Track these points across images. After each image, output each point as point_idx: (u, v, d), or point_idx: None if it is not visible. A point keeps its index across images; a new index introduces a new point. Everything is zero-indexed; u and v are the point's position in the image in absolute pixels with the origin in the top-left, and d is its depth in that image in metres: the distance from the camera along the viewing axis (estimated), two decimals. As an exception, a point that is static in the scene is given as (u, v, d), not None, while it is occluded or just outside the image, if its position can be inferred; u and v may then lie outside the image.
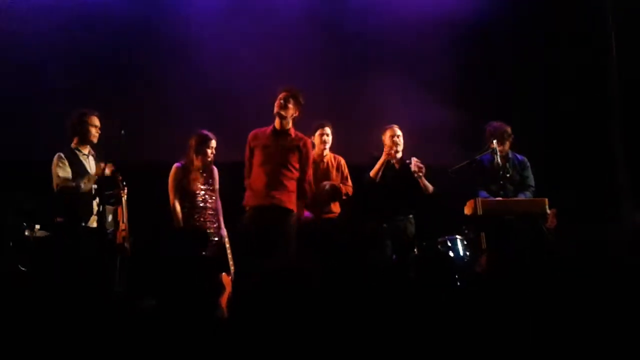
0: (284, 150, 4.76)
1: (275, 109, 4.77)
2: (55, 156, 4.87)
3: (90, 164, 4.98)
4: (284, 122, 4.78)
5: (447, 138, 6.17)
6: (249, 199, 4.78)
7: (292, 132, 4.84)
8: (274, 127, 4.82)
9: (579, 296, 2.76)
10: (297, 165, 4.77)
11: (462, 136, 6.06)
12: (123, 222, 4.85)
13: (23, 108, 6.20)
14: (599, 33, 7.08)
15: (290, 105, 4.76)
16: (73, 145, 4.97)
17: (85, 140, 4.96)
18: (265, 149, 4.77)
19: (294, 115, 4.81)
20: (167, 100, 6.42)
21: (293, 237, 4.70)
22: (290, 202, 4.73)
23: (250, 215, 4.74)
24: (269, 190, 4.67)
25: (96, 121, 4.98)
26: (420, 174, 5.26)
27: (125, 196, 4.91)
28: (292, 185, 4.75)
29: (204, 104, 6.45)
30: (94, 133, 4.96)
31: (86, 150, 4.99)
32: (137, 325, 2.65)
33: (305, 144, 4.85)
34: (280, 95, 4.77)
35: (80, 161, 4.92)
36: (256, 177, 4.76)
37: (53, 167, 4.85)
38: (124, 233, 4.85)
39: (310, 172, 4.95)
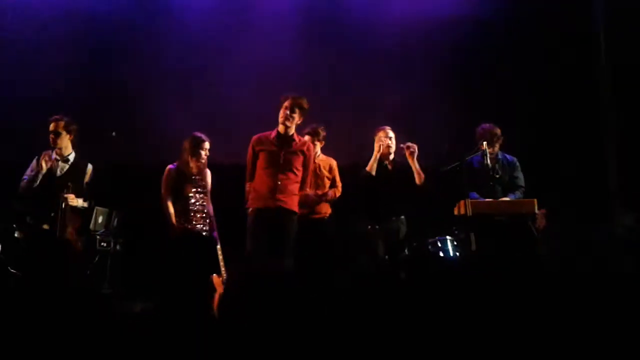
0: (289, 155, 4.84)
1: (281, 119, 4.83)
2: None
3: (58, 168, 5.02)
4: (289, 129, 4.87)
5: (439, 137, 6.20)
6: (254, 201, 4.82)
7: (296, 137, 4.93)
8: (279, 132, 4.88)
9: (567, 297, 2.78)
10: (300, 169, 4.90)
11: (453, 135, 6.09)
12: (65, 229, 4.83)
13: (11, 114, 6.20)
14: (590, 34, 7.12)
15: (295, 115, 4.83)
16: None
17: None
18: (271, 154, 4.83)
19: (298, 122, 4.91)
20: (159, 102, 6.42)
21: (294, 238, 4.83)
22: (294, 204, 4.86)
23: (256, 216, 4.78)
24: (275, 193, 4.75)
25: (50, 126, 5.03)
26: (413, 151, 5.27)
27: (67, 201, 4.86)
28: (295, 188, 4.88)
29: (197, 105, 6.46)
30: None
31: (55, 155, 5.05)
32: (126, 327, 2.65)
33: (308, 148, 4.98)
34: (286, 104, 4.82)
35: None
36: (261, 181, 4.82)
37: None
38: (69, 236, 4.82)
39: (310, 172, 5.08)
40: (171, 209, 5.06)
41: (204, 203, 5.16)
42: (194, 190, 5.11)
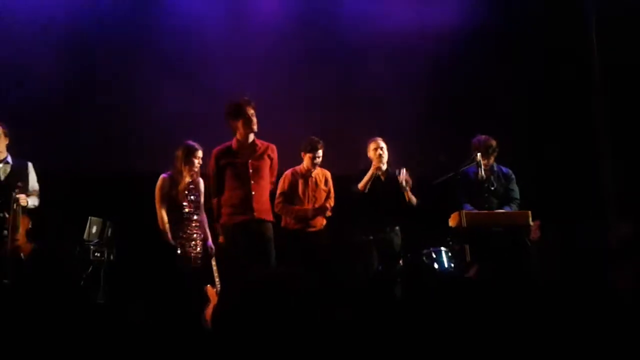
0: (256, 161, 4.81)
1: (254, 126, 4.76)
2: None
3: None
4: (251, 136, 4.83)
5: (433, 149, 6.21)
6: (231, 217, 4.77)
7: (257, 141, 4.88)
8: (240, 141, 4.81)
9: (562, 308, 2.77)
10: (268, 173, 4.89)
11: (448, 146, 6.10)
12: (16, 230, 4.80)
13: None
14: (583, 44, 7.14)
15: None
16: None
17: None
18: (238, 166, 4.78)
19: None
20: (150, 111, 6.41)
21: (273, 246, 4.82)
22: (269, 212, 4.88)
23: (237, 232, 4.74)
24: (251, 204, 4.72)
25: None
26: (407, 187, 5.28)
27: (17, 203, 4.85)
28: (267, 194, 4.89)
29: (193, 114, 6.45)
30: None
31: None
32: (121, 337, 2.64)
33: (273, 150, 4.94)
34: (252, 111, 4.74)
35: None
36: (234, 194, 4.77)
37: None
38: (16, 242, 4.79)
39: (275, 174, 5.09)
40: (165, 219, 5.03)
41: (198, 212, 5.15)
42: (187, 199, 5.10)
